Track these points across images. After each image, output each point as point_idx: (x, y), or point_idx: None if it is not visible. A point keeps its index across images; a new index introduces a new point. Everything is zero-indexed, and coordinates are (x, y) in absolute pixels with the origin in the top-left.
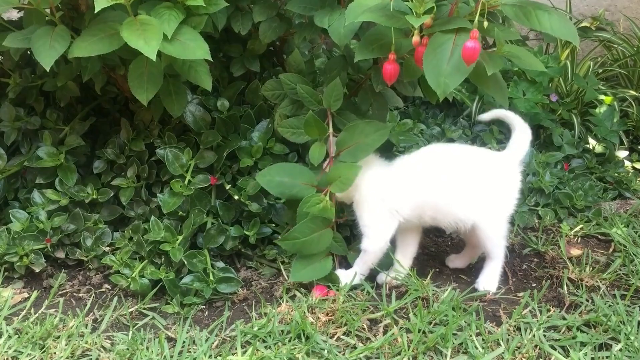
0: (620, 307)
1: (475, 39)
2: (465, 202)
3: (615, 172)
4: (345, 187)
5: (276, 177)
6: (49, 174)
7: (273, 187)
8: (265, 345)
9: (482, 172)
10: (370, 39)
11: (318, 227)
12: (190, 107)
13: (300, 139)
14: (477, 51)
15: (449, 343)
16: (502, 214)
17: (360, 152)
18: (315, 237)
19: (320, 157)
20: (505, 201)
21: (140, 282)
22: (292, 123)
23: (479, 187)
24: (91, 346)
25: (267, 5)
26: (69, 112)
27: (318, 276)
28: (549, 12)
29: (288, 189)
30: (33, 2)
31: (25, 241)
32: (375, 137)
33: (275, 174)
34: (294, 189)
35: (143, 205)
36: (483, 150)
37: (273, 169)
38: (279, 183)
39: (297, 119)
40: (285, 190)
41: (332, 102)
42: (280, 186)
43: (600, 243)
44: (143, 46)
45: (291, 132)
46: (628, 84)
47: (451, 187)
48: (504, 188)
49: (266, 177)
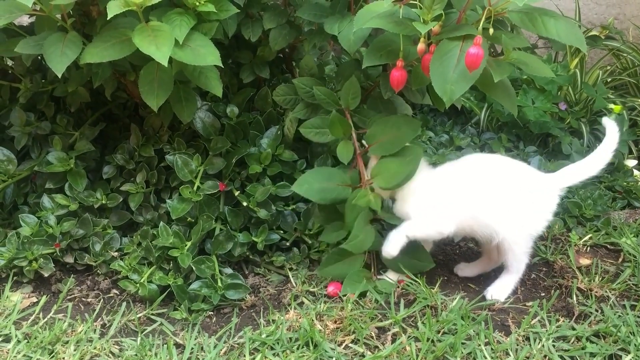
0: (630, 317)
1: (479, 45)
2: (501, 215)
3: (625, 181)
4: (392, 181)
5: (315, 184)
6: (58, 179)
7: (314, 194)
8: (273, 353)
9: (520, 187)
10: (379, 45)
11: (366, 223)
12: (199, 113)
13: (324, 139)
14: (480, 57)
15: (457, 352)
16: (530, 232)
17: (393, 145)
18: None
19: (349, 155)
20: (536, 220)
21: (148, 288)
22: (314, 123)
23: (515, 201)
24: (100, 351)
25: (277, 12)
26: (79, 118)
27: (348, 272)
28: (555, 17)
29: (329, 193)
30: (45, 9)
31: (34, 246)
32: (408, 130)
33: (313, 181)
34: (334, 192)
35: (152, 211)
36: (525, 166)
37: (309, 176)
38: (320, 189)
39: (321, 119)
40: (327, 195)
41: (350, 100)
42: (321, 192)
43: (610, 253)
44: (155, 52)
45: (314, 132)
46: (637, 92)
47: (493, 199)
48: (537, 207)
49: (304, 185)
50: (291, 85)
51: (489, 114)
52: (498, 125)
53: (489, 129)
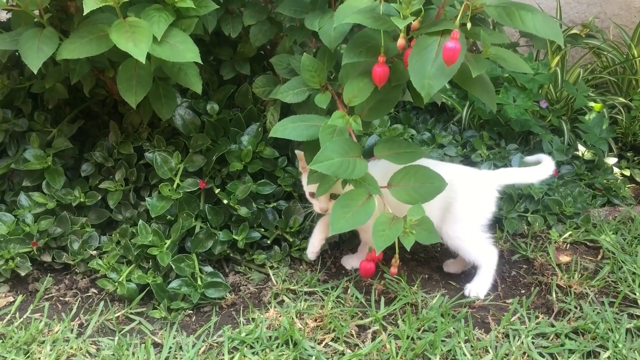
0: (608, 314)
1: (456, 39)
2: (439, 213)
3: (604, 179)
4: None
5: (289, 124)
6: (36, 177)
7: (289, 132)
8: (252, 352)
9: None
10: (358, 41)
11: (351, 151)
12: (179, 110)
13: (302, 97)
14: (457, 52)
15: (437, 350)
16: (471, 226)
17: None
18: (350, 161)
19: (327, 100)
20: (475, 214)
21: (127, 287)
22: (290, 85)
23: (451, 199)
24: (76, 351)
25: (258, 8)
26: (57, 115)
27: (361, 222)
28: (533, 12)
29: (305, 130)
30: (21, 4)
31: (11, 244)
32: None
33: (288, 122)
34: (310, 129)
35: (131, 209)
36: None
37: (284, 121)
38: (294, 127)
39: (296, 79)
40: (303, 132)
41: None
42: (296, 129)
43: (589, 250)
44: (132, 48)
45: (292, 94)
46: (617, 91)
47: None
48: (476, 202)
49: (279, 128)
50: (270, 76)
51: (471, 112)
52: (480, 123)
53: (471, 127)
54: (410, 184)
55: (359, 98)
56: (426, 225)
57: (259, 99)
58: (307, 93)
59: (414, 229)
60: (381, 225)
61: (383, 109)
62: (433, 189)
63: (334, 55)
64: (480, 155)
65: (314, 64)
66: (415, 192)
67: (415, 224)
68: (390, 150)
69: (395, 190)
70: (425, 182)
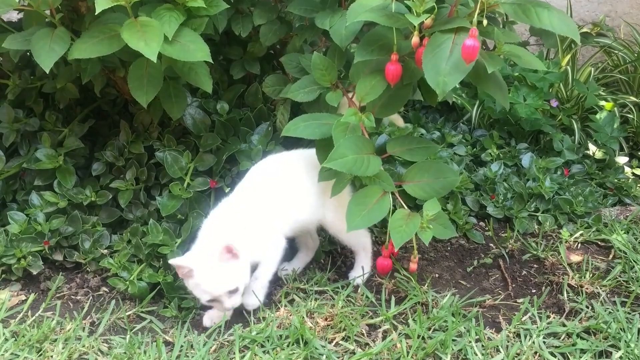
0: (620, 314)
1: (475, 37)
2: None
3: (615, 178)
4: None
5: (301, 123)
6: (47, 176)
7: (301, 131)
8: (263, 350)
9: None
10: (370, 39)
11: (365, 148)
12: (189, 109)
13: (313, 96)
14: (476, 49)
15: (448, 349)
16: None
17: None
18: (365, 158)
19: (338, 98)
20: None
21: (138, 285)
22: (301, 84)
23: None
24: (88, 350)
25: (268, 8)
26: (68, 114)
27: (377, 219)
28: (549, 9)
29: (317, 128)
30: (33, 4)
31: (23, 243)
32: None
33: (299, 121)
34: (322, 127)
35: (142, 208)
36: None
37: (295, 120)
38: (306, 126)
39: (305, 78)
40: (315, 130)
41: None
42: (308, 128)
43: (600, 249)
44: (143, 48)
45: (303, 93)
46: (628, 90)
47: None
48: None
49: (291, 127)
50: (280, 75)
51: (481, 111)
52: (489, 122)
53: (481, 126)
54: (424, 180)
55: (371, 95)
56: (442, 220)
57: (268, 98)
58: (318, 92)
59: (431, 224)
60: (398, 221)
61: (394, 107)
62: (447, 183)
63: (344, 53)
64: (490, 154)
65: (325, 62)
66: (429, 187)
67: (432, 219)
68: (403, 146)
69: (410, 186)
70: (440, 177)
